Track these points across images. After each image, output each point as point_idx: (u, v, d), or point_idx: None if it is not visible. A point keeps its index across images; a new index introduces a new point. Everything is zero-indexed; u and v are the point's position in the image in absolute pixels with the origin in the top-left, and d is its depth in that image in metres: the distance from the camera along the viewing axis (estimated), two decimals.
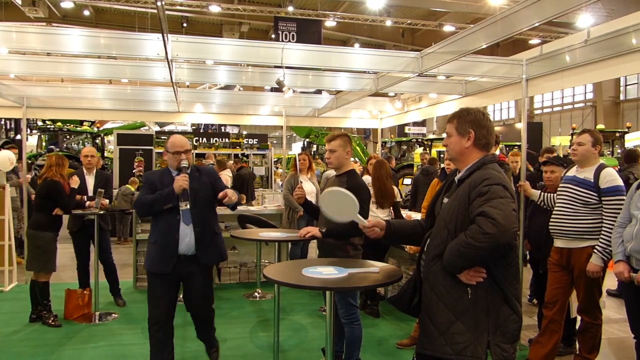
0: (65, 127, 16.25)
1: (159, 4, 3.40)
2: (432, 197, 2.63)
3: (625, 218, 3.18)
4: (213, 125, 24.64)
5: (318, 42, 15.89)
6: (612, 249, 3.27)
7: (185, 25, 23.26)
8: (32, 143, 15.99)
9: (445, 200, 2.26)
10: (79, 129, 16.76)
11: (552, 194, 4.08)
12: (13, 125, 17.31)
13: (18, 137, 15.77)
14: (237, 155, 15.87)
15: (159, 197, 3.30)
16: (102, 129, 19.29)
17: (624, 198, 3.34)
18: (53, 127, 16.10)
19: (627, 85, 25.05)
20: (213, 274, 6.32)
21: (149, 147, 11.58)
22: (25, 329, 4.80)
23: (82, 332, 4.74)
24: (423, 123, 23.82)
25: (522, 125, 5.28)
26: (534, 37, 21.15)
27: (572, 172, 3.78)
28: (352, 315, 3.51)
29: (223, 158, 11.73)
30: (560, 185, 3.82)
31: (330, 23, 21.77)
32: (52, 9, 20.85)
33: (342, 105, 7.69)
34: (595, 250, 3.46)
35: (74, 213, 4.95)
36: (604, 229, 3.45)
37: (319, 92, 12.59)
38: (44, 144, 16.07)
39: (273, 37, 18.60)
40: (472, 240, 1.97)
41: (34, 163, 13.51)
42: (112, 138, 14.19)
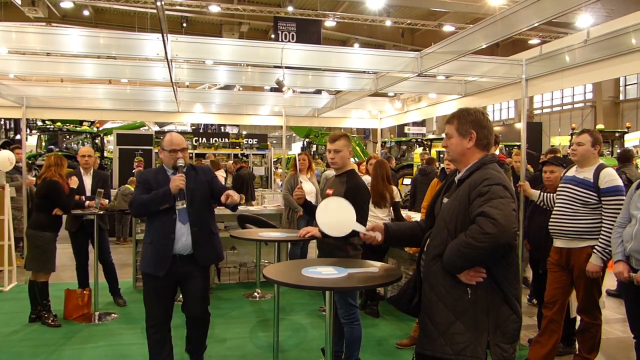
0: (65, 127, 16.26)
1: (159, 4, 3.40)
2: (431, 197, 2.63)
3: (625, 218, 3.18)
4: (213, 125, 24.64)
5: (318, 42, 15.90)
6: (611, 249, 3.27)
7: (185, 25, 23.25)
8: (31, 143, 15.99)
9: (445, 201, 2.26)
10: (79, 129, 16.77)
11: (551, 194, 4.09)
12: (13, 125, 17.30)
13: (18, 137, 15.76)
14: (236, 155, 15.88)
15: (155, 197, 3.22)
16: (101, 129, 19.29)
17: (624, 198, 3.34)
18: (53, 127, 16.11)
19: (626, 85, 25.06)
20: (212, 274, 6.34)
21: (149, 147, 11.59)
22: (25, 329, 4.80)
23: (81, 332, 4.74)
24: (423, 123, 23.82)
25: (521, 125, 5.29)
26: (534, 37, 21.17)
27: (571, 172, 3.78)
28: (351, 315, 3.51)
29: (217, 158, 11.72)
30: (560, 185, 3.83)
31: (330, 23, 21.77)
32: (51, 9, 20.85)
33: (341, 105, 7.70)
34: (595, 250, 3.46)
35: (74, 213, 4.95)
36: (604, 229, 3.45)
37: (319, 92, 12.58)
38: (44, 144, 16.07)
39: (273, 37, 18.61)
40: (472, 240, 1.98)
41: (34, 163, 13.51)
42: (111, 138, 14.20)
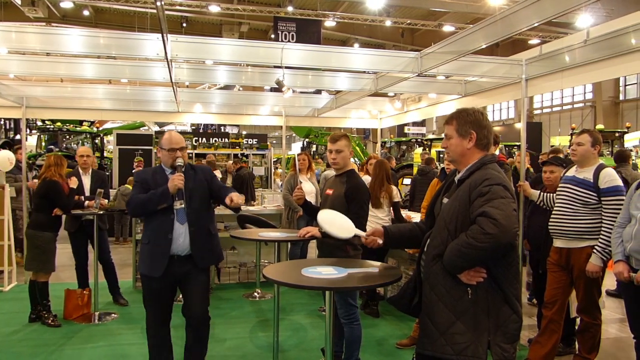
0: (65, 127, 16.24)
1: (159, 4, 3.40)
2: (431, 197, 2.63)
3: (625, 218, 3.18)
4: (212, 125, 24.61)
5: (317, 42, 15.90)
6: (611, 249, 3.27)
7: (185, 25, 23.24)
8: (31, 143, 15.98)
9: (445, 201, 2.26)
10: (79, 129, 16.76)
11: (551, 194, 4.09)
12: (12, 125, 17.29)
13: (17, 137, 15.75)
14: (236, 155, 15.85)
15: (153, 196, 3.15)
16: (101, 129, 19.28)
17: (624, 198, 3.34)
18: (52, 127, 16.10)
19: (626, 85, 25.07)
20: (212, 274, 6.34)
21: (149, 147, 11.58)
22: (25, 329, 4.80)
23: (81, 332, 4.74)
24: (422, 123, 23.80)
25: (521, 125, 5.29)
26: (534, 37, 21.17)
27: (571, 172, 3.78)
28: (351, 315, 3.51)
29: (216, 158, 11.69)
30: (560, 185, 3.83)
31: (330, 23, 21.76)
32: (51, 9, 20.84)
33: (341, 105, 7.70)
34: (595, 250, 3.46)
35: (73, 213, 4.95)
36: (604, 229, 3.45)
37: (319, 92, 12.58)
38: (44, 144, 16.06)
39: (272, 37, 18.61)
40: (473, 241, 1.98)
41: (34, 163, 13.50)
42: (111, 138, 14.19)
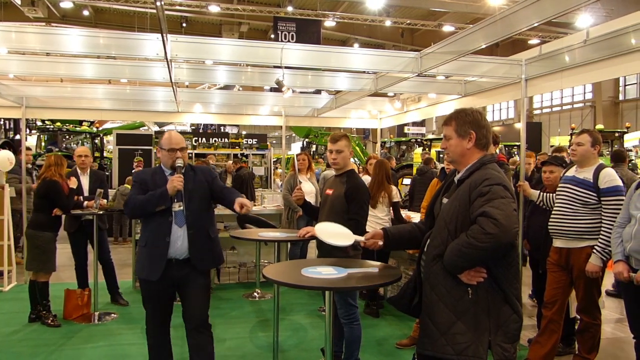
0: (65, 127, 16.24)
1: (158, 4, 3.40)
2: (431, 197, 2.63)
3: (625, 218, 3.18)
4: (212, 125, 24.61)
5: (317, 42, 15.90)
6: (611, 249, 3.27)
7: (185, 25, 23.24)
8: (31, 143, 15.97)
9: (445, 201, 2.26)
10: (78, 129, 16.75)
11: (551, 194, 4.09)
12: (12, 125, 17.28)
13: (17, 137, 15.74)
14: (236, 155, 15.85)
15: (151, 198, 3.07)
16: (101, 129, 19.28)
17: (623, 198, 3.34)
18: (52, 127, 16.10)
19: (626, 85, 25.07)
20: (212, 275, 6.33)
21: (148, 147, 11.60)
22: (25, 329, 4.80)
23: (81, 332, 4.74)
24: (422, 123, 23.83)
25: (521, 126, 5.29)
26: (533, 37, 21.17)
27: (571, 172, 3.78)
28: (351, 316, 3.52)
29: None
30: (560, 185, 3.83)
31: (330, 23, 21.76)
32: (51, 9, 20.84)
33: (341, 105, 7.70)
34: (595, 251, 3.46)
35: (73, 213, 4.94)
36: (603, 229, 3.45)
37: (319, 92, 12.57)
38: (43, 144, 16.06)
39: (272, 37, 18.61)
40: (473, 241, 1.98)
41: (34, 163, 13.48)
42: (111, 138, 14.20)
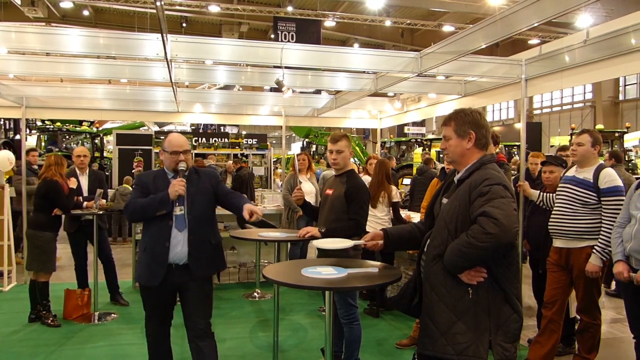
0: (65, 127, 16.24)
1: (158, 4, 3.40)
2: (431, 197, 2.63)
3: (625, 218, 3.18)
4: (212, 125, 24.60)
5: (317, 42, 15.89)
6: (611, 249, 3.27)
7: (185, 25, 23.24)
8: (31, 143, 15.96)
9: (445, 201, 2.26)
10: (78, 129, 16.75)
11: (551, 194, 4.09)
12: (12, 125, 17.28)
13: (17, 137, 15.74)
14: (236, 155, 15.85)
15: (152, 202, 3.00)
16: (101, 129, 19.27)
17: (624, 198, 3.34)
18: (52, 127, 16.09)
19: (626, 85, 25.07)
20: (212, 278, 6.30)
21: (148, 147, 11.60)
22: (25, 329, 4.80)
23: (81, 332, 4.74)
24: (422, 123, 23.80)
25: (521, 126, 5.30)
26: (533, 37, 21.17)
27: (571, 172, 3.78)
28: (351, 316, 3.52)
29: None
30: (560, 185, 3.83)
31: (330, 23, 21.76)
32: (51, 9, 20.85)
33: (341, 105, 7.70)
34: (595, 251, 3.46)
35: (73, 213, 4.94)
36: (603, 229, 3.45)
37: (318, 92, 12.57)
38: (43, 144, 16.05)
39: (272, 37, 18.61)
40: (474, 240, 1.98)
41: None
42: (111, 138, 14.19)
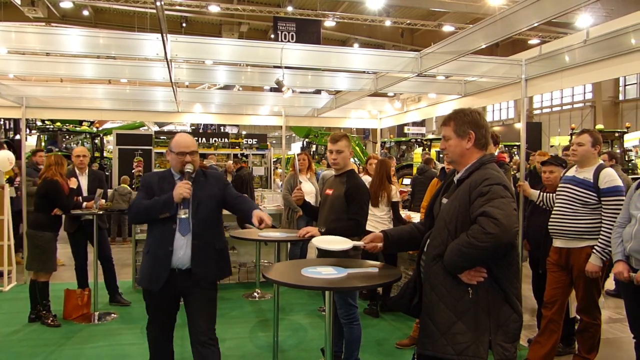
0: (65, 127, 16.23)
1: (158, 4, 3.40)
2: (431, 197, 2.64)
3: (625, 218, 3.18)
4: (212, 125, 24.59)
5: (317, 42, 15.89)
6: (611, 249, 3.27)
7: (185, 25, 23.23)
8: (31, 143, 15.97)
9: (445, 201, 2.26)
10: (78, 129, 16.74)
11: (551, 194, 4.09)
12: (12, 125, 17.28)
13: (17, 137, 15.74)
14: (236, 155, 15.85)
15: (156, 204, 2.90)
16: (101, 129, 19.25)
17: (624, 198, 3.34)
18: (52, 127, 16.08)
19: (626, 85, 25.07)
20: (217, 283, 6.27)
21: (148, 147, 11.58)
22: (25, 329, 4.80)
23: (81, 332, 4.74)
24: (422, 123, 23.80)
25: (521, 126, 5.30)
26: (533, 37, 21.17)
27: (571, 172, 3.78)
28: (351, 316, 3.52)
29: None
30: (560, 185, 3.83)
31: (330, 23, 21.76)
32: (51, 9, 20.84)
33: (341, 105, 7.70)
34: (594, 251, 3.46)
35: (73, 213, 4.94)
36: (603, 229, 3.45)
37: (318, 92, 12.57)
38: (43, 144, 16.04)
39: (272, 37, 18.61)
40: (474, 240, 1.98)
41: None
42: (111, 138, 14.18)
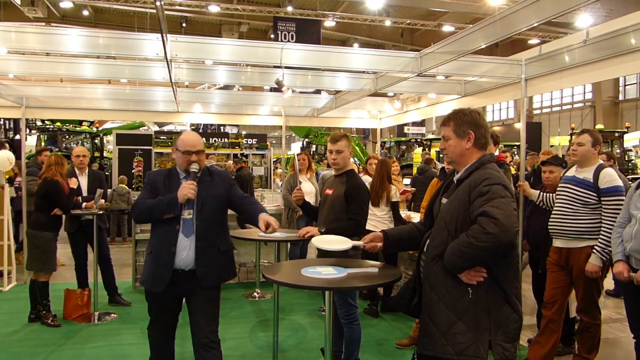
0: (65, 127, 16.23)
1: (158, 4, 3.40)
2: (430, 197, 2.64)
3: (625, 218, 3.18)
4: (212, 125, 24.60)
5: (317, 42, 15.90)
6: (611, 249, 3.27)
7: (185, 25, 23.24)
8: (31, 143, 15.97)
9: (444, 201, 2.26)
10: (78, 129, 16.74)
11: (551, 194, 4.09)
12: (12, 125, 17.27)
13: (17, 137, 15.74)
14: (236, 155, 15.85)
15: (159, 204, 2.84)
16: (101, 129, 19.24)
17: (624, 198, 3.34)
18: (52, 127, 16.08)
19: (626, 85, 25.07)
20: (220, 286, 6.24)
21: (148, 147, 11.58)
22: (25, 329, 4.80)
23: (81, 332, 4.74)
24: (422, 123, 23.80)
25: (521, 125, 5.29)
26: (533, 37, 21.18)
27: (571, 172, 3.78)
28: (351, 316, 3.52)
29: (216, 157, 11.65)
30: (560, 185, 3.83)
31: (330, 23, 21.76)
32: (51, 9, 20.84)
33: (341, 105, 7.70)
34: (594, 251, 3.46)
35: (73, 213, 4.94)
36: (603, 229, 3.45)
37: (318, 92, 12.57)
38: (43, 144, 16.03)
39: (272, 37, 18.61)
40: (474, 240, 1.98)
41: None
42: (111, 138, 14.18)
